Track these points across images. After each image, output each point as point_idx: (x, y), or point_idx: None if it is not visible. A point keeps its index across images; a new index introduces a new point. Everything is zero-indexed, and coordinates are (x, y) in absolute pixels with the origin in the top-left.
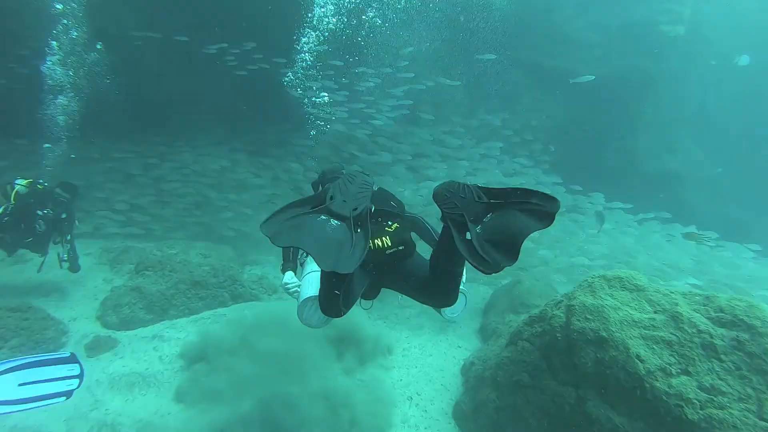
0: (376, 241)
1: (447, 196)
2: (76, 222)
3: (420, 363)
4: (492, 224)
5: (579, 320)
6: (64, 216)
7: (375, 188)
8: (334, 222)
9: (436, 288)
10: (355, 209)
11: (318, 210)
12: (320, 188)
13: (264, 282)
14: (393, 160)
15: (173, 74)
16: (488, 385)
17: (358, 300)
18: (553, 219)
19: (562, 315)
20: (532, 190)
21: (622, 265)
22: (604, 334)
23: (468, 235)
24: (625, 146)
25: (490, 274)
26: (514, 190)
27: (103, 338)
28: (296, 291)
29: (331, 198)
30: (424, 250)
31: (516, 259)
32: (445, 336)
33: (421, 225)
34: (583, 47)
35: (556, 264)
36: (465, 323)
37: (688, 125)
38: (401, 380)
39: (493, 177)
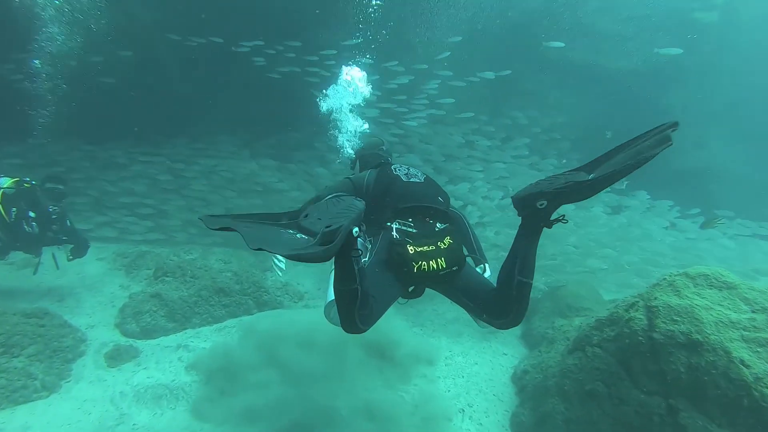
0: (430, 263)
1: (539, 185)
2: (68, 222)
3: (466, 372)
4: (604, 169)
5: (665, 322)
6: (54, 216)
7: (422, 178)
8: (299, 236)
9: (506, 304)
10: (329, 226)
11: (286, 224)
12: (357, 165)
13: (289, 289)
14: (422, 161)
15: (193, 74)
16: (553, 396)
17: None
18: (677, 125)
19: (642, 317)
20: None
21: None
22: (698, 337)
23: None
24: None
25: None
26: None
27: (124, 347)
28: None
29: (306, 216)
30: None
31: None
32: (487, 343)
33: (461, 224)
34: (612, 40)
35: (622, 262)
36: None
37: (719, 119)
38: (449, 391)
39: (528, 177)
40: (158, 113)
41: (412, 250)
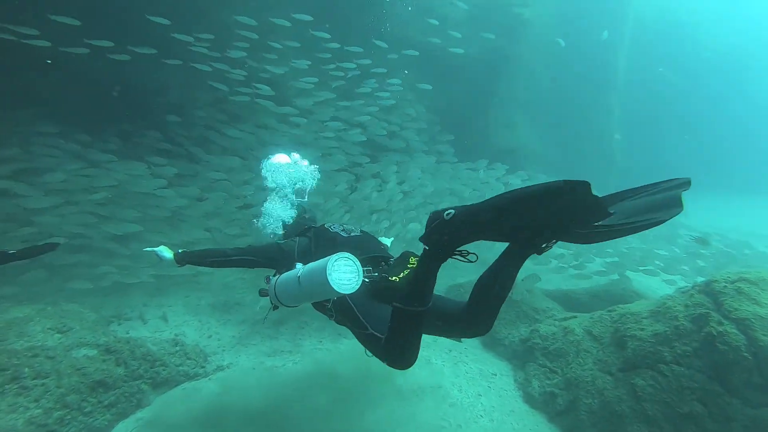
0: (405, 272)
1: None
2: None
3: (480, 409)
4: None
5: (765, 335)
6: None
7: (359, 232)
8: None
9: (478, 318)
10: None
11: None
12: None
13: (187, 349)
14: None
15: None
16: (632, 422)
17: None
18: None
19: (735, 332)
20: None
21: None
22: None
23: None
24: (481, 123)
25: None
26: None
27: None
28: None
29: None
30: None
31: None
32: (465, 366)
33: None
34: (450, 23)
35: None
36: (466, 342)
37: (522, 103)
38: None
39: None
40: None
41: (394, 278)
